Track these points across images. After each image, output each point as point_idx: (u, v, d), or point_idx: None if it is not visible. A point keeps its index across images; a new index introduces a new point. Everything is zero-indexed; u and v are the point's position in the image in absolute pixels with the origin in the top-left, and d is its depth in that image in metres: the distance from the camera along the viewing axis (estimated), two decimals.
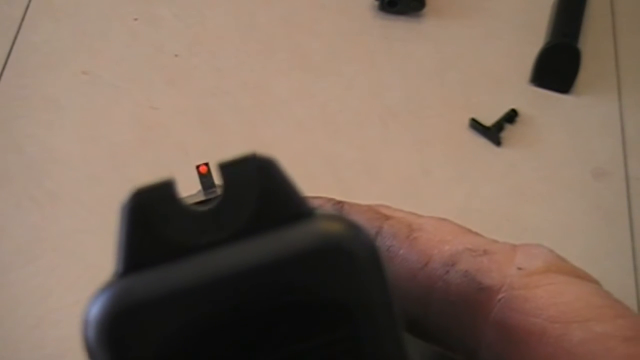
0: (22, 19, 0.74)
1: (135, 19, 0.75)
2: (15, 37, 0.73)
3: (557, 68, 0.73)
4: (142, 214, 0.12)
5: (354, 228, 0.12)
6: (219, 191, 0.13)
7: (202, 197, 0.20)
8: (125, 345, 0.11)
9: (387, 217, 0.19)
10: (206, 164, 0.17)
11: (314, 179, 0.66)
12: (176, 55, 0.73)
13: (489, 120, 0.71)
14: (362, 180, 0.67)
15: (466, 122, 0.71)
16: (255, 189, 0.12)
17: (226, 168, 0.12)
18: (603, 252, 0.65)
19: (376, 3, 0.77)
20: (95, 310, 0.11)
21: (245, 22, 0.76)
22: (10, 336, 0.58)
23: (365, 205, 0.19)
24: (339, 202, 0.19)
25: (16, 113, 0.68)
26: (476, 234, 0.19)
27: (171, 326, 0.11)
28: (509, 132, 0.71)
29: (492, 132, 0.70)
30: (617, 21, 0.80)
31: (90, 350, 0.11)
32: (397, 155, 0.69)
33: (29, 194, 0.64)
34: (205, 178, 0.17)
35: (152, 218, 0.12)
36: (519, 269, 0.17)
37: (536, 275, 0.17)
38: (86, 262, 0.61)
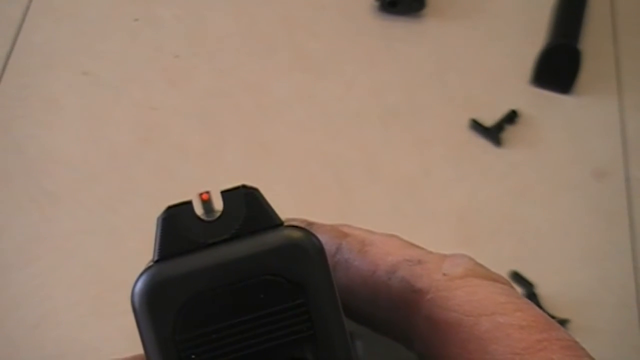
0: (23, 19, 0.74)
1: (136, 20, 0.75)
2: (16, 38, 0.73)
3: (557, 69, 0.73)
4: (171, 222, 0.18)
5: (308, 234, 0.18)
6: (217, 215, 0.19)
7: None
8: (158, 307, 0.17)
9: (345, 235, 0.24)
10: (207, 192, 0.20)
11: (314, 179, 0.66)
12: (176, 56, 0.73)
13: (489, 120, 0.71)
14: (362, 180, 0.67)
15: (466, 122, 0.71)
16: (244, 207, 0.18)
17: (225, 193, 0.19)
18: (603, 252, 0.65)
19: (376, 3, 0.77)
20: (139, 285, 0.17)
21: (245, 23, 0.76)
22: (10, 336, 0.58)
23: (330, 225, 0.24)
24: (310, 223, 0.25)
25: (16, 113, 0.68)
26: (416, 246, 0.23)
27: (188, 293, 0.17)
28: (509, 132, 0.71)
29: (493, 133, 0.70)
30: (617, 22, 0.80)
31: (135, 312, 0.17)
32: (397, 156, 0.69)
33: (29, 194, 0.64)
34: (206, 204, 0.20)
35: (177, 225, 0.18)
36: (444, 274, 0.22)
37: (457, 280, 0.21)
38: (86, 262, 0.61)
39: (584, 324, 0.61)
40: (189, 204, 0.18)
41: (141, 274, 0.17)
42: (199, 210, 0.20)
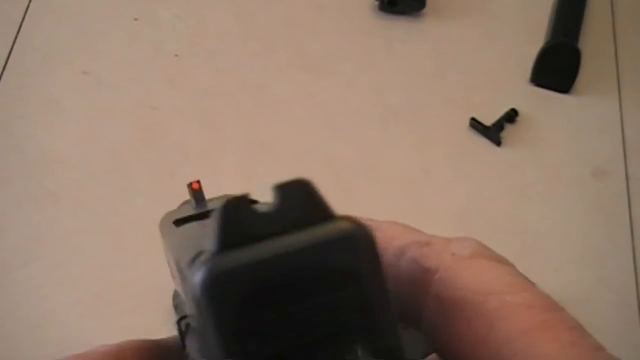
0: (23, 19, 0.74)
1: (136, 19, 0.75)
2: (16, 37, 0.73)
3: (557, 68, 0.73)
4: (229, 214, 0.18)
5: (361, 226, 0.19)
6: (209, 205, 0.19)
7: (192, 211, 0.27)
8: (221, 297, 0.17)
9: None
10: (197, 182, 0.20)
11: (314, 178, 0.66)
12: (176, 55, 0.73)
13: (489, 120, 0.71)
14: (362, 180, 0.67)
15: (466, 122, 0.71)
16: (299, 200, 0.19)
17: (281, 186, 0.19)
18: (603, 252, 0.65)
19: (376, 3, 0.77)
20: (200, 276, 0.17)
21: (245, 22, 0.76)
22: (11, 336, 0.58)
23: None
24: None
25: (16, 113, 0.69)
26: (419, 231, 0.24)
27: (248, 283, 0.17)
28: (509, 131, 0.71)
29: (492, 132, 0.70)
30: (617, 21, 0.80)
31: (197, 303, 0.17)
32: (397, 155, 0.69)
33: (29, 194, 0.64)
34: (197, 193, 0.20)
35: (235, 217, 0.18)
36: (452, 254, 0.22)
37: (465, 260, 0.22)
38: (86, 262, 0.61)
39: (584, 324, 0.61)
40: (246, 197, 0.19)
41: (200, 265, 0.18)
42: (191, 203, 0.20)
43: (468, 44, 0.77)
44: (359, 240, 0.19)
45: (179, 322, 0.27)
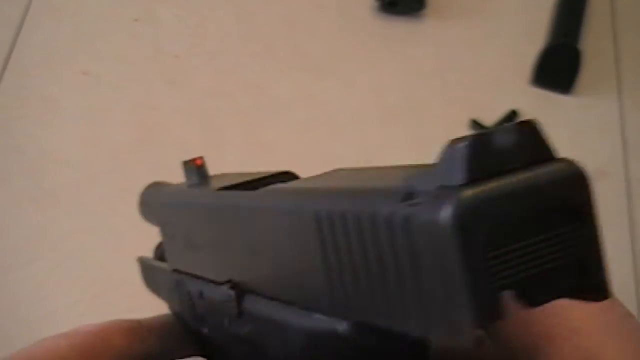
0: (23, 19, 0.74)
1: (136, 20, 0.75)
2: (16, 38, 0.73)
3: (557, 68, 0.73)
4: (475, 149, 0.19)
5: (579, 165, 0.20)
6: (213, 182, 0.16)
7: (187, 188, 0.25)
8: (471, 229, 0.18)
9: None
10: (201, 158, 0.20)
11: None
12: (176, 56, 0.73)
13: (489, 120, 0.71)
14: None
15: (466, 122, 0.71)
16: (531, 140, 0.20)
17: (519, 125, 0.20)
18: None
19: (376, 3, 0.77)
20: (450, 209, 0.18)
21: (245, 23, 0.76)
22: (10, 336, 0.58)
23: None
24: None
25: (16, 113, 0.69)
26: None
27: (496, 216, 0.18)
28: None
29: None
30: (617, 21, 0.80)
31: (443, 237, 0.18)
32: (397, 155, 0.69)
33: (29, 194, 0.64)
34: (200, 169, 0.20)
35: (480, 152, 0.19)
36: None
37: None
38: (86, 262, 0.61)
39: None
40: (487, 134, 0.20)
41: (445, 199, 0.18)
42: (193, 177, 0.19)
43: (468, 45, 0.77)
44: (585, 178, 0.20)
45: (232, 288, 0.27)
